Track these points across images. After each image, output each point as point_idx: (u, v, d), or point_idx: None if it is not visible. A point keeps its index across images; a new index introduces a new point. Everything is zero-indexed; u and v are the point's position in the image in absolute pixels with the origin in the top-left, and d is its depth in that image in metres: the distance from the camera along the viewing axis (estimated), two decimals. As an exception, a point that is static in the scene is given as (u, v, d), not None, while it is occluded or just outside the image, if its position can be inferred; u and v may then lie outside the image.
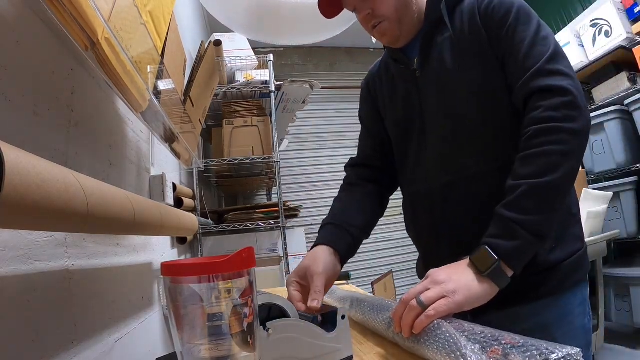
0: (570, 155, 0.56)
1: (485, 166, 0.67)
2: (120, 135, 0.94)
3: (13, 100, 0.52)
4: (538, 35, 0.62)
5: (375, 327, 0.62)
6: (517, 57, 0.63)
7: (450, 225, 0.71)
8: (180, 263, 0.36)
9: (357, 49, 3.70)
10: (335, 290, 0.85)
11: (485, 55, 0.67)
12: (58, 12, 0.53)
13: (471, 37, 0.68)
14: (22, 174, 0.35)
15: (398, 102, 0.80)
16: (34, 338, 0.52)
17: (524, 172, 0.57)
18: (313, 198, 3.34)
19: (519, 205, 0.55)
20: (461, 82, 0.69)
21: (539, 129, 0.57)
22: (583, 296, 0.67)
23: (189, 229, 1.13)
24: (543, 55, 0.60)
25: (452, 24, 0.70)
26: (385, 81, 0.84)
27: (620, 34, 2.21)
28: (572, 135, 0.56)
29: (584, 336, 0.65)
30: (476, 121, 0.68)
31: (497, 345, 0.41)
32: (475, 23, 0.68)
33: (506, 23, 0.65)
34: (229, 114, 2.15)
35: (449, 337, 0.45)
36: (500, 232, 0.55)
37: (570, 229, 0.67)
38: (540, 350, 0.37)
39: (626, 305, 2.09)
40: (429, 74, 0.73)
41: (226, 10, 1.78)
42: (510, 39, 0.64)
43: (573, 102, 0.57)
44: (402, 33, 0.74)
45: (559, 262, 0.64)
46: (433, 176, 0.73)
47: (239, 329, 0.36)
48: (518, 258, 0.55)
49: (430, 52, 0.72)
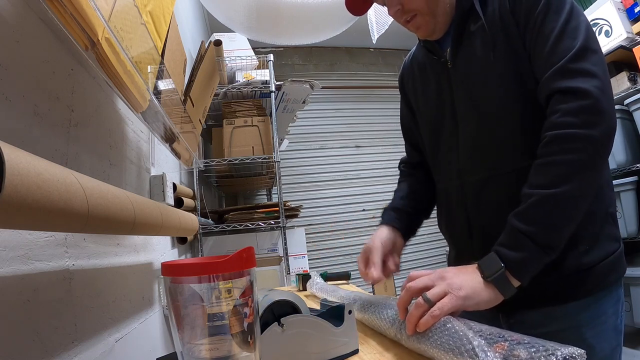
0: (585, 164, 0.53)
1: (521, 162, 0.63)
2: (120, 135, 0.94)
3: (13, 100, 0.52)
4: (568, 26, 0.58)
5: (377, 325, 0.62)
6: (543, 50, 0.59)
7: (484, 221, 0.69)
8: (180, 263, 0.36)
9: (357, 49, 3.69)
10: (337, 290, 0.85)
11: (516, 44, 0.63)
12: (58, 12, 0.53)
13: (502, 25, 0.64)
14: (22, 174, 0.35)
15: (430, 95, 0.77)
16: (34, 338, 0.52)
17: (536, 182, 0.55)
18: (313, 198, 3.34)
19: (527, 215, 0.54)
20: (492, 74, 0.65)
21: (555, 135, 0.54)
22: (618, 295, 0.65)
23: (189, 229, 1.12)
24: (569, 50, 0.56)
25: (484, 12, 0.66)
26: (418, 73, 0.82)
27: (620, 34, 2.21)
28: (589, 142, 0.53)
29: (615, 337, 0.64)
30: (508, 115, 0.65)
31: (503, 341, 0.41)
32: (505, 9, 0.64)
33: (535, 10, 0.60)
34: (229, 113, 2.15)
35: (454, 332, 0.45)
36: (508, 241, 0.55)
37: (607, 228, 0.65)
38: (546, 347, 0.37)
39: (626, 305, 2.09)
40: (460, 65, 0.70)
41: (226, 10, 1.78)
42: (539, 29, 0.60)
43: (594, 106, 0.53)
44: (436, 25, 0.71)
45: (595, 264, 0.62)
46: (467, 171, 0.71)
47: (239, 329, 0.36)
48: (524, 269, 0.54)
49: (462, 42, 0.69)
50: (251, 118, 2.14)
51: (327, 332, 0.52)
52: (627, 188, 2.28)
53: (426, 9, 0.69)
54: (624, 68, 2.27)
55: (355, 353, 0.54)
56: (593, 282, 0.62)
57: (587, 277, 0.62)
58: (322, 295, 0.89)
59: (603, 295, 0.63)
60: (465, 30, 0.69)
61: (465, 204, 0.72)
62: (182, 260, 0.56)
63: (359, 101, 3.58)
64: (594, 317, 0.63)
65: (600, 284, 0.63)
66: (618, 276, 0.65)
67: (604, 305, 0.63)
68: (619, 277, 0.65)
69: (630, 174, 2.32)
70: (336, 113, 3.55)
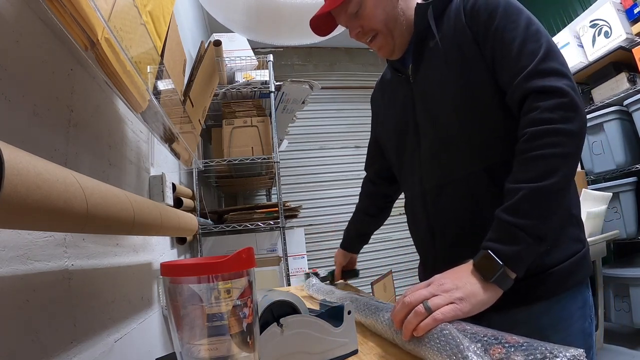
0: (569, 158, 0.56)
1: (470, 167, 0.68)
2: (120, 135, 0.94)
3: (13, 100, 0.52)
4: (529, 31, 0.60)
5: (375, 327, 0.62)
6: (509, 56, 0.61)
7: (443, 226, 0.73)
8: (179, 263, 0.36)
9: (356, 49, 3.69)
10: (335, 291, 0.85)
11: (470, 57, 0.66)
12: (58, 12, 0.53)
13: (456, 40, 0.67)
14: (21, 174, 0.35)
15: (395, 110, 0.82)
16: (33, 338, 0.52)
17: (523, 176, 0.56)
18: (313, 198, 3.34)
19: (518, 209, 0.55)
20: (446, 90, 0.69)
21: (537, 131, 0.56)
22: (584, 299, 0.65)
23: (188, 229, 1.12)
24: (536, 53, 0.59)
25: (439, 30, 0.70)
26: (386, 91, 0.87)
27: (619, 35, 2.21)
28: (570, 137, 0.56)
29: (582, 340, 0.64)
30: (460, 126, 0.68)
31: (499, 345, 0.41)
32: (460, 24, 0.67)
33: (493, 20, 0.63)
34: (228, 114, 2.15)
35: (450, 338, 0.45)
36: (501, 236, 0.55)
37: (569, 229, 0.66)
38: (543, 353, 0.37)
39: (626, 305, 2.09)
40: (420, 81, 0.74)
41: (225, 10, 1.78)
42: (500, 37, 0.62)
43: (570, 103, 0.56)
44: (395, 45, 0.75)
45: (556, 265, 0.63)
46: (426, 179, 0.75)
47: (239, 329, 0.36)
48: (521, 262, 0.54)
49: (422, 60, 0.73)
50: (251, 118, 2.14)
51: (326, 333, 0.52)
52: (626, 189, 2.28)
53: (385, 29, 0.73)
54: (624, 69, 2.27)
55: (354, 353, 0.54)
56: (556, 283, 0.63)
57: (550, 277, 0.63)
58: (319, 297, 0.89)
59: (567, 297, 0.64)
60: (425, 48, 0.73)
61: (426, 209, 0.76)
62: (182, 260, 0.56)
63: (358, 101, 3.58)
64: (558, 320, 0.63)
65: (563, 285, 0.63)
66: (582, 277, 0.66)
67: (568, 308, 0.64)
68: (584, 278, 0.66)
69: (630, 175, 2.32)
70: (336, 113, 3.55)
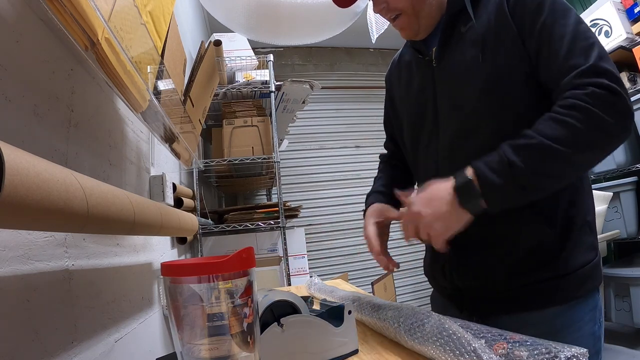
0: (596, 147, 0.55)
1: None
2: (120, 135, 0.94)
3: (13, 100, 0.52)
4: (579, 28, 0.58)
5: (377, 325, 0.62)
6: (558, 53, 0.59)
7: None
8: (180, 263, 0.36)
9: (357, 49, 3.69)
10: (336, 290, 0.85)
11: (511, 49, 0.63)
12: (58, 12, 0.53)
13: (497, 30, 0.64)
14: (22, 174, 0.35)
15: (413, 91, 0.78)
16: (33, 338, 0.52)
17: (545, 131, 0.55)
18: (313, 198, 3.34)
19: (521, 151, 0.55)
20: (478, 76, 0.66)
21: (581, 106, 0.54)
22: (594, 302, 0.65)
23: (188, 229, 1.12)
24: (589, 52, 0.56)
25: (475, 14, 0.67)
26: (403, 70, 0.83)
27: (620, 34, 2.21)
28: (610, 135, 0.55)
29: (592, 343, 0.63)
30: (485, 116, 0.66)
31: (503, 341, 0.41)
32: (502, 15, 0.64)
33: (541, 13, 0.60)
34: (229, 114, 2.15)
35: (452, 334, 0.45)
36: (494, 165, 0.56)
37: (584, 237, 0.65)
38: (548, 348, 0.37)
39: (626, 305, 2.09)
40: (446, 65, 0.70)
41: (226, 10, 1.78)
42: (549, 32, 0.60)
43: (627, 110, 0.55)
44: (420, 26, 0.72)
45: (572, 271, 0.63)
46: (443, 170, 0.71)
47: (239, 329, 0.36)
48: (497, 195, 0.56)
49: (450, 43, 0.70)
50: (251, 118, 2.13)
51: (326, 333, 0.52)
52: (627, 188, 2.28)
53: (411, 10, 0.70)
54: (624, 68, 2.27)
55: (354, 353, 0.54)
56: (570, 289, 0.63)
57: (564, 284, 0.63)
58: (320, 296, 0.89)
59: (579, 302, 0.64)
60: (455, 31, 0.70)
61: None
62: (182, 260, 0.55)
63: (359, 101, 3.58)
64: (569, 323, 0.63)
65: (576, 292, 0.63)
66: (594, 285, 0.65)
67: (579, 312, 0.64)
68: (596, 286, 0.66)
69: (630, 174, 2.32)
70: (336, 113, 3.54)
